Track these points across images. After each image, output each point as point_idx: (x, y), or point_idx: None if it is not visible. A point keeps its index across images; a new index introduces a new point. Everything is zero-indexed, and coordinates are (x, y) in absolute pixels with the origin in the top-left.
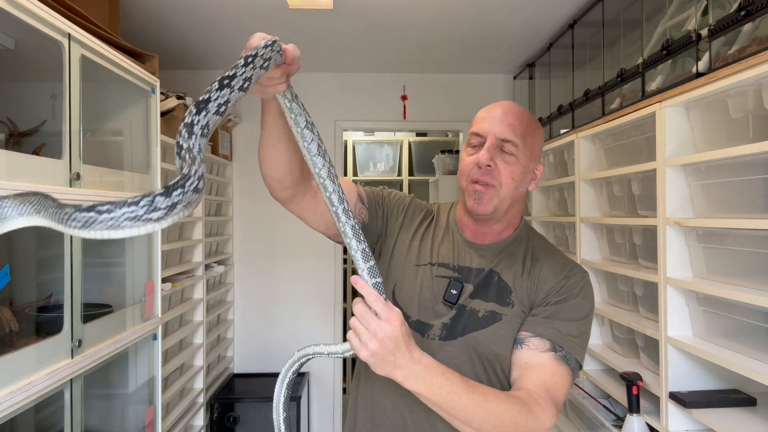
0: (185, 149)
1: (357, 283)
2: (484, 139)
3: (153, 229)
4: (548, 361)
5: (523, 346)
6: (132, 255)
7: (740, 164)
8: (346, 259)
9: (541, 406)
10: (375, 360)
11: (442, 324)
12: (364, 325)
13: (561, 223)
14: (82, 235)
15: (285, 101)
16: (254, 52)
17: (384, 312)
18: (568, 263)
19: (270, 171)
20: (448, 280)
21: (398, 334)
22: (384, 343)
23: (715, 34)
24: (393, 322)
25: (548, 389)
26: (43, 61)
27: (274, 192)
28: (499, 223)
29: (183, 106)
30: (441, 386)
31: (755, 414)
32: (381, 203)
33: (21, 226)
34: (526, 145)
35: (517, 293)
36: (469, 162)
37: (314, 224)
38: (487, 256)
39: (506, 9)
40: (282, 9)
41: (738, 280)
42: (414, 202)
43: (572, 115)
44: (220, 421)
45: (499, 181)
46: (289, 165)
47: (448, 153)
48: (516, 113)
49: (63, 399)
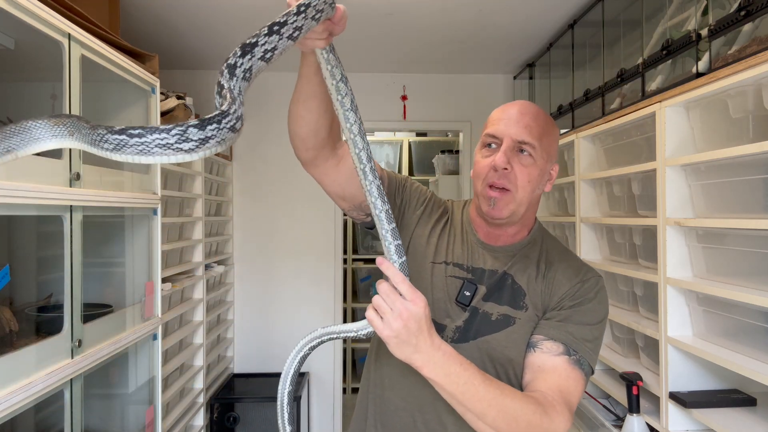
0: (226, 88)
1: (382, 264)
2: (500, 141)
3: (183, 160)
4: (562, 365)
5: (537, 349)
6: (132, 255)
7: (740, 164)
8: (346, 259)
9: (555, 408)
10: (397, 341)
11: (456, 326)
12: (389, 305)
13: (561, 223)
14: (114, 158)
15: (323, 52)
16: (308, 2)
17: (410, 293)
18: (583, 267)
19: (296, 128)
20: (462, 281)
21: (422, 317)
22: (408, 324)
23: (715, 34)
24: (418, 304)
25: (562, 393)
26: (43, 61)
27: (297, 151)
28: (513, 226)
29: (183, 106)
30: (458, 375)
31: (755, 414)
32: (401, 191)
33: (53, 148)
34: (543, 146)
35: (531, 297)
36: (485, 165)
37: (331, 191)
38: (501, 257)
39: (506, 9)
40: (282, 9)
41: (738, 280)
42: (434, 197)
43: (572, 115)
44: (220, 421)
45: (515, 184)
46: (315, 125)
47: (448, 153)
48: (532, 113)
49: (63, 399)
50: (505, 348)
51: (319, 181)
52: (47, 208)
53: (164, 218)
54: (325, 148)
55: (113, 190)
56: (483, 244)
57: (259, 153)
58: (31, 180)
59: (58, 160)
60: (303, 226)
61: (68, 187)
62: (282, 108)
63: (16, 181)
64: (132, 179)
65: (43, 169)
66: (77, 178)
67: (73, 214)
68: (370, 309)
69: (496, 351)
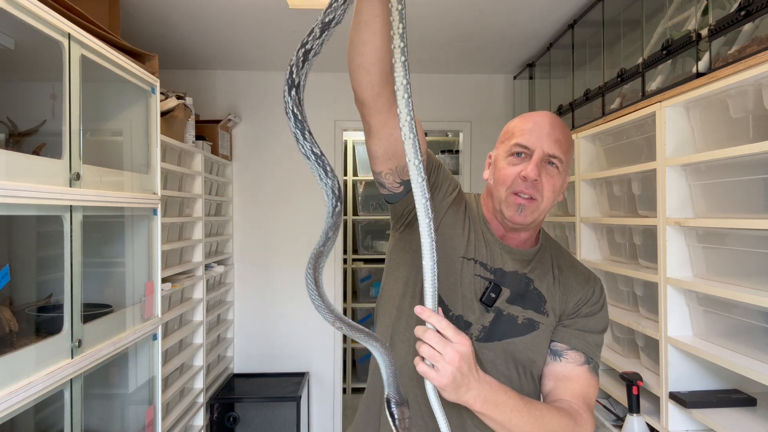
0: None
1: (423, 313)
2: (530, 152)
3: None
4: (584, 374)
5: (562, 359)
6: (132, 255)
7: (740, 164)
8: (346, 259)
9: (582, 417)
10: (453, 385)
11: (482, 326)
12: (439, 351)
13: (561, 223)
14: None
15: None
16: None
17: (456, 336)
18: (589, 273)
19: (359, 57)
20: (487, 282)
21: (471, 356)
22: (461, 367)
23: (715, 34)
24: (465, 344)
25: (585, 399)
26: (43, 61)
27: (361, 88)
28: (527, 231)
29: (183, 106)
30: (506, 404)
31: (755, 414)
32: (436, 172)
33: None
34: (567, 160)
35: (551, 303)
36: (512, 173)
37: (381, 147)
38: (519, 260)
39: (506, 9)
40: (282, 9)
41: (738, 280)
42: (459, 186)
43: (572, 115)
44: (220, 421)
45: (541, 194)
46: (380, 52)
47: (448, 153)
48: (561, 127)
49: (63, 399)
50: (530, 351)
51: (374, 132)
52: (47, 208)
53: (164, 218)
54: (388, 86)
55: (113, 190)
56: (501, 245)
57: (259, 153)
58: (31, 180)
59: (58, 159)
60: (303, 226)
61: (68, 187)
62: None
63: (16, 181)
64: (132, 179)
65: (43, 169)
66: (77, 178)
67: (73, 214)
68: (419, 362)
69: (522, 353)
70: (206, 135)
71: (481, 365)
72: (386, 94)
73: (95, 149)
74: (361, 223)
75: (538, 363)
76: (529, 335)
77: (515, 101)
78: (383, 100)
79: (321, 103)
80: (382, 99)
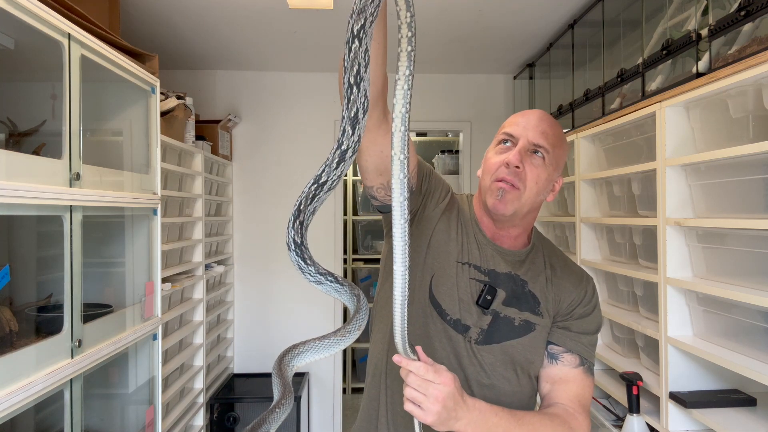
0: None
1: (401, 361)
2: (516, 140)
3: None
4: (579, 376)
5: (558, 361)
6: (132, 255)
7: (740, 164)
8: (346, 259)
9: (577, 419)
10: (440, 420)
11: (480, 329)
12: (422, 393)
13: (561, 223)
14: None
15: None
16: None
17: (437, 377)
18: (581, 272)
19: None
20: (483, 285)
21: (455, 392)
22: (446, 404)
23: (715, 34)
24: (448, 383)
25: (580, 401)
26: (43, 61)
27: None
28: (515, 227)
29: (183, 106)
30: (497, 425)
31: (755, 414)
32: (428, 179)
33: None
34: (554, 154)
35: (545, 304)
36: (496, 161)
37: (371, 162)
38: (511, 261)
39: (506, 9)
40: (282, 9)
41: (738, 280)
42: (451, 190)
43: (572, 115)
44: (220, 421)
45: (524, 183)
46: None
47: (448, 153)
48: (550, 122)
49: (63, 399)
50: (528, 352)
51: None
52: (47, 208)
53: (164, 218)
54: (377, 107)
55: (113, 190)
56: (492, 245)
57: (259, 153)
58: (31, 180)
59: (58, 159)
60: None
61: (68, 187)
62: (281, 108)
63: (16, 181)
64: (132, 179)
65: (43, 169)
66: (77, 178)
67: (73, 214)
68: (407, 402)
69: (520, 354)
70: (206, 135)
71: (480, 367)
72: (376, 114)
73: (95, 149)
74: (361, 223)
75: (535, 364)
76: (526, 337)
77: (515, 101)
78: (373, 119)
79: (321, 103)
80: (371, 119)
